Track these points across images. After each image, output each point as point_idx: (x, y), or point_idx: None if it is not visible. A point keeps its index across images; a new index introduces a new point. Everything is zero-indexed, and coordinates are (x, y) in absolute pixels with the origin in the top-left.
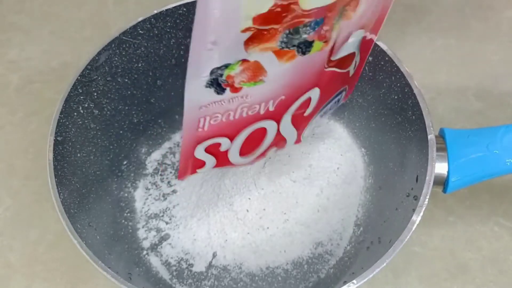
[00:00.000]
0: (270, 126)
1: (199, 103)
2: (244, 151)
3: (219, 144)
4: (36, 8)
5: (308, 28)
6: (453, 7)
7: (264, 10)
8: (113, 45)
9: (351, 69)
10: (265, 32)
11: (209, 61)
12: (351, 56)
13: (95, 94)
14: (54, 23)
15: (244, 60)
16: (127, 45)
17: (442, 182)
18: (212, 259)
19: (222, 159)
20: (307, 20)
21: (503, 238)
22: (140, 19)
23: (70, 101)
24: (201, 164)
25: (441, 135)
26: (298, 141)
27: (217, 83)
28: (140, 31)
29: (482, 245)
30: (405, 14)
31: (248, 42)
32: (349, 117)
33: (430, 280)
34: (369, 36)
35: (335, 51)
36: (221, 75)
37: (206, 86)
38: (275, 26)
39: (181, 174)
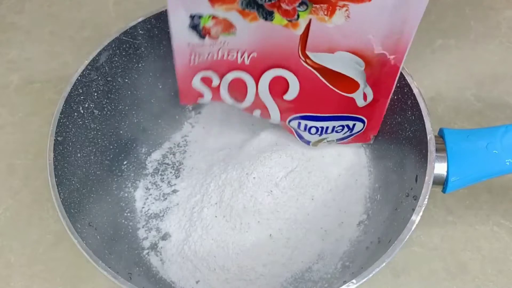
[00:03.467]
0: (248, 80)
1: (186, 40)
2: (232, 94)
3: (210, 80)
4: (36, 8)
5: None
6: (453, 7)
7: None
8: (113, 45)
9: (357, 98)
10: None
11: (184, 4)
12: (348, 80)
13: (95, 94)
14: (54, 23)
15: (214, 16)
16: (127, 45)
17: (441, 182)
18: (212, 260)
19: (215, 94)
20: None
21: (503, 238)
22: (140, 19)
23: (70, 101)
24: (200, 94)
25: (440, 135)
26: (289, 130)
27: (197, 29)
28: (140, 31)
29: (481, 245)
30: None
31: (213, 0)
32: None
33: (430, 280)
34: (388, 66)
35: (311, 47)
36: (199, 24)
37: (189, 28)
38: None
39: (182, 98)
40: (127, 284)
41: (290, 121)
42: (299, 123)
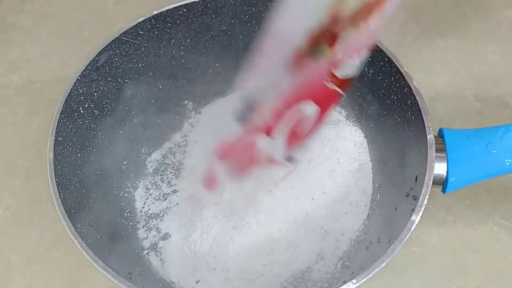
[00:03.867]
0: (264, 142)
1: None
2: (236, 173)
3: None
4: (36, 8)
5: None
6: (453, 7)
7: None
8: (113, 46)
9: None
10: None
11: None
12: (352, 78)
13: (96, 94)
14: (55, 23)
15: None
16: (128, 45)
17: (441, 182)
18: (212, 259)
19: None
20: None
21: (503, 238)
22: (140, 19)
23: (70, 101)
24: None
25: (440, 135)
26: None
27: (246, 117)
28: (140, 32)
29: (481, 245)
30: (405, 15)
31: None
32: (348, 117)
33: (430, 280)
34: None
35: (340, 64)
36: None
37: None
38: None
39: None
40: (127, 284)
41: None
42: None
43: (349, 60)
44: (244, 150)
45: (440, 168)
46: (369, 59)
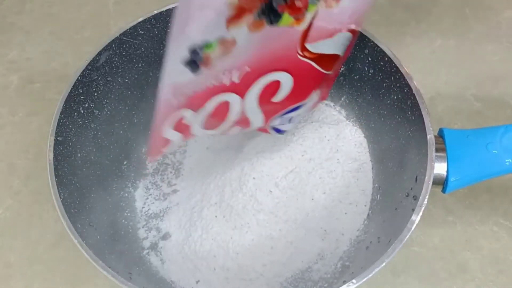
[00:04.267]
0: (234, 100)
1: (174, 84)
2: (208, 125)
3: (182, 118)
4: (36, 8)
5: None
6: (453, 8)
7: None
8: (113, 45)
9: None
10: (246, 8)
11: (190, 35)
12: (334, 57)
13: (96, 94)
14: (55, 23)
15: (221, 39)
16: (128, 45)
17: (441, 182)
18: (212, 259)
19: (186, 133)
20: None
21: (502, 238)
22: (140, 19)
23: (70, 101)
24: (167, 142)
25: (440, 135)
26: (264, 130)
27: (194, 63)
28: (140, 32)
29: (481, 245)
30: (405, 15)
31: (231, 20)
32: (348, 117)
33: (430, 280)
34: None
35: (312, 38)
36: (199, 55)
37: (184, 64)
38: (256, 1)
39: (152, 154)
40: (127, 284)
41: (272, 120)
42: (282, 119)
43: (321, 35)
44: (207, 99)
45: (440, 168)
46: (369, 59)
